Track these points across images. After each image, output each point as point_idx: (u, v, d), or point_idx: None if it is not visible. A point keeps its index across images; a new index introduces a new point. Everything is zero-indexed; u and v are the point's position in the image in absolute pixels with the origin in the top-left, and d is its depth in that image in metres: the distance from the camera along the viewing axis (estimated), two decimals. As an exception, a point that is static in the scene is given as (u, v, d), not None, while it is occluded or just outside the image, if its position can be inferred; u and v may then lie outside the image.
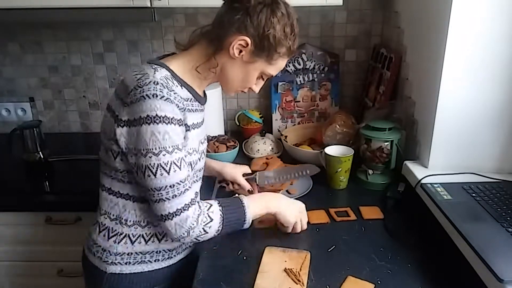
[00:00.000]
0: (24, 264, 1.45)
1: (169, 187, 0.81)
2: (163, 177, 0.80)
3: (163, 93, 0.78)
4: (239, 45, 0.86)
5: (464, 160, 1.16)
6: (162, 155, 0.79)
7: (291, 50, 0.91)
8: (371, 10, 1.67)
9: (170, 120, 0.78)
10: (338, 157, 1.25)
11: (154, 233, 0.94)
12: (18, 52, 1.75)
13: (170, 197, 0.81)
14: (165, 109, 0.77)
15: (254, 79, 0.93)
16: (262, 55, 0.88)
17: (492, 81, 1.08)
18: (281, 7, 0.86)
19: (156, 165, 0.79)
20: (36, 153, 1.48)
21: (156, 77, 0.82)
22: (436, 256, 0.96)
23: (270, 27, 0.84)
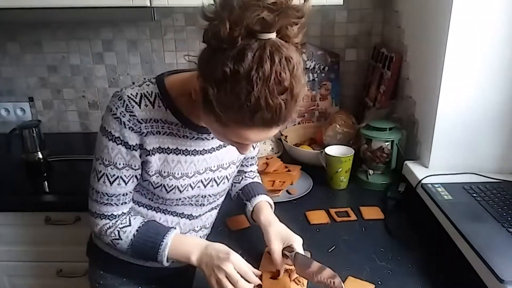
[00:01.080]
0: (24, 264, 1.44)
1: (95, 190, 0.84)
2: (94, 180, 0.83)
3: (117, 111, 0.76)
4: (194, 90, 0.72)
5: (465, 160, 1.16)
6: (99, 163, 0.81)
7: (244, 121, 0.64)
8: (371, 10, 1.66)
9: (113, 138, 0.78)
10: (338, 157, 1.25)
11: None
12: (17, 52, 1.74)
13: (94, 199, 0.85)
14: (112, 126, 0.77)
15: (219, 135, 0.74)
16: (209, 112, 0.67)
17: (493, 81, 1.08)
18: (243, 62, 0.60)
19: (93, 167, 0.83)
20: (36, 153, 1.48)
21: (126, 93, 0.77)
22: (436, 256, 0.96)
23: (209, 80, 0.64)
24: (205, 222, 1.01)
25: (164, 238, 0.84)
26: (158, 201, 0.89)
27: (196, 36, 1.71)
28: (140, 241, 0.85)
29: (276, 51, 0.61)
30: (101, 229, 0.86)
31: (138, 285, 1.02)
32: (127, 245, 0.85)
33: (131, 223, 0.86)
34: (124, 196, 0.85)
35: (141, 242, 0.85)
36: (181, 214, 0.93)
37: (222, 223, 1.09)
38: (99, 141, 0.80)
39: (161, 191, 0.86)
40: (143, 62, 1.76)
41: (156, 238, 0.85)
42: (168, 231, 0.86)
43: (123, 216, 0.87)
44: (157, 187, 0.85)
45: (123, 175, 0.81)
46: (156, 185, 0.85)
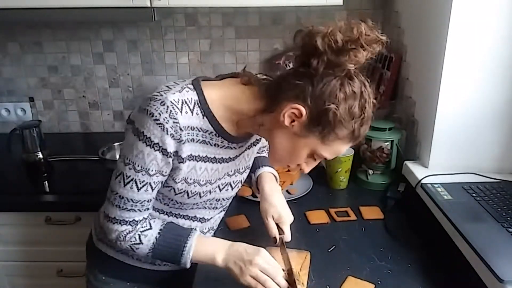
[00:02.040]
0: (24, 264, 1.45)
1: (118, 196, 0.79)
2: (119, 185, 0.79)
3: (160, 117, 0.74)
4: (292, 113, 0.74)
5: (465, 160, 1.16)
6: (129, 168, 0.77)
7: (354, 135, 0.76)
8: (371, 10, 1.67)
9: (152, 144, 0.75)
10: (338, 157, 1.25)
11: None
12: (18, 52, 1.75)
13: (115, 204, 0.80)
14: (153, 132, 0.74)
15: (302, 156, 0.80)
16: (316, 131, 0.75)
17: (492, 81, 1.08)
18: (354, 84, 0.73)
19: (120, 171, 0.78)
20: (36, 153, 1.48)
21: (169, 98, 0.75)
22: (436, 256, 0.96)
23: (333, 102, 0.71)
24: (213, 224, 1.02)
25: (188, 239, 0.83)
26: (175, 205, 0.89)
27: (196, 36, 1.71)
28: (162, 243, 0.83)
29: (366, 77, 0.77)
30: (119, 234, 0.82)
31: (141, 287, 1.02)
32: (149, 249, 0.83)
33: (151, 226, 0.84)
34: (149, 202, 0.82)
35: (163, 245, 0.83)
36: (193, 217, 0.93)
37: (222, 223, 1.10)
38: (132, 145, 0.76)
39: (182, 197, 0.85)
40: (144, 62, 1.76)
41: (179, 240, 0.83)
42: (191, 233, 0.84)
43: (143, 221, 0.84)
44: (179, 193, 0.84)
45: (153, 181, 0.79)
46: (179, 191, 0.84)
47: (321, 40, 0.69)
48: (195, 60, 1.75)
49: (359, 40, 0.69)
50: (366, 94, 0.74)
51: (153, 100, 0.75)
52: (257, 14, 1.68)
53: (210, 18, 1.68)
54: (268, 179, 1.02)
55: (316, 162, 0.84)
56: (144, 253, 0.84)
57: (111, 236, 0.83)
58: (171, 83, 0.81)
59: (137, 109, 0.77)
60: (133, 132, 0.76)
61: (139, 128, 0.75)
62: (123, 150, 0.78)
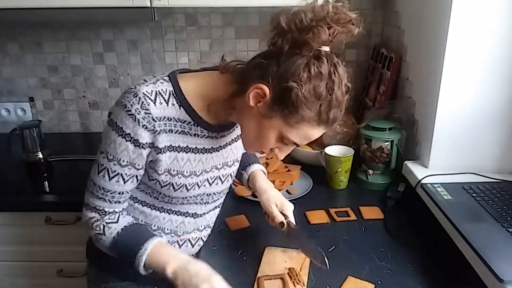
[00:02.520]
0: (24, 264, 1.45)
1: (92, 182, 0.82)
2: (94, 172, 0.82)
3: (132, 108, 0.76)
4: (256, 93, 0.74)
5: (464, 160, 1.16)
6: (102, 157, 0.80)
7: (322, 117, 0.74)
8: (371, 10, 1.67)
9: (124, 134, 0.76)
10: (338, 157, 1.25)
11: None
12: (18, 52, 1.75)
13: (90, 190, 0.83)
14: (124, 122, 0.76)
15: (271, 139, 0.78)
16: (279, 111, 0.73)
17: (492, 81, 1.08)
18: (321, 65, 0.71)
19: (96, 160, 0.82)
20: (36, 153, 1.48)
21: (141, 89, 0.77)
22: (436, 255, 0.96)
23: (295, 80, 0.70)
24: (209, 221, 1.01)
25: (146, 242, 0.81)
26: (164, 199, 0.89)
27: (196, 36, 1.71)
28: (122, 239, 0.82)
29: (338, 60, 0.75)
30: (88, 221, 0.85)
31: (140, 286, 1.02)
32: (109, 242, 0.83)
33: (118, 220, 0.85)
34: (120, 194, 0.83)
35: (122, 241, 0.82)
36: (185, 213, 0.93)
37: (222, 223, 1.10)
38: (107, 134, 0.78)
39: (168, 189, 0.86)
40: (144, 62, 1.76)
41: (138, 241, 0.82)
42: (152, 237, 0.82)
43: (113, 214, 0.85)
44: (164, 185, 0.85)
45: (124, 173, 0.80)
46: (164, 183, 0.84)
47: (285, 18, 0.70)
48: (195, 60, 1.75)
49: (325, 18, 0.69)
50: (336, 77, 0.72)
51: (127, 92, 0.79)
52: (257, 14, 1.68)
53: (210, 18, 1.68)
54: (260, 176, 1.06)
55: (289, 148, 0.83)
56: (106, 246, 0.84)
57: (82, 220, 0.86)
58: (149, 77, 0.83)
59: (115, 104, 0.80)
60: (108, 123, 0.79)
61: (113, 119, 0.78)
62: (102, 140, 0.81)
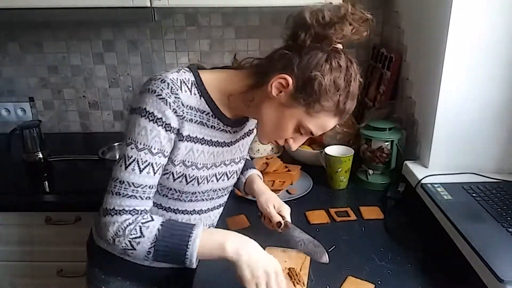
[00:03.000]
0: (24, 264, 1.45)
1: (119, 181, 0.76)
2: (120, 169, 0.76)
3: (162, 92, 0.75)
4: (279, 84, 0.77)
5: (464, 160, 1.16)
6: (131, 148, 0.76)
7: (339, 108, 0.78)
8: (371, 10, 1.65)
9: (155, 119, 0.75)
10: (338, 157, 1.25)
11: None
12: (18, 52, 1.75)
13: (114, 192, 0.76)
14: (156, 106, 0.75)
15: (289, 129, 0.81)
16: (302, 100, 0.77)
17: (492, 81, 1.08)
18: (340, 59, 0.77)
19: (122, 155, 0.77)
20: (36, 153, 1.48)
21: (168, 76, 0.78)
22: (436, 256, 0.96)
23: (318, 71, 0.74)
24: (213, 221, 1.02)
25: (194, 229, 0.77)
26: (173, 196, 0.88)
27: (196, 36, 1.71)
28: (166, 235, 0.76)
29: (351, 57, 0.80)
30: (119, 227, 0.75)
31: (141, 286, 1.02)
32: (151, 242, 0.75)
33: (153, 218, 0.79)
34: (150, 189, 0.79)
35: (167, 236, 0.76)
36: (192, 211, 0.93)
37: (222, 223, 1.10)
38: (135, 124, 0.75)
39: (181, 182, 0.85)
40: (144, 62, 1.76)
41: (184, 230, 0.76)
42: (195, 224, 0.79)
43: (145, 213, 0.79)
44: (177, 177, 0.84)
45: (155, 162, 0.77)
46: (177, 175, 0.84)
47: (309, 14, 0.75)
48: (195, 60, 1.75)
49: (346, 16, 0.76)
50: (352, 70, 0.78)
51: (153, 80, 0.78)
52: (257, 14, 1.68)
53: (210, 18, 1.68)
54: (258, 180, 1.08)
55: (303, 138, 0.86)
56: (145, 250, 0.76)
57: (110, 231, 0.76)
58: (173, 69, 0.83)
59: (137, 95, 0.78)
60: (136, 112, 0.76)
61: (141, 106, 0.76)
62: (125, 135, 0.77)
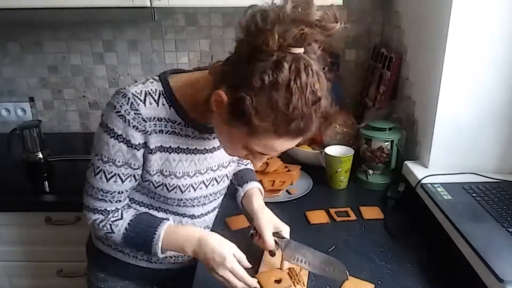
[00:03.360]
0: (24, 264, 1.45)
1: (90, 185, 0.83)
2: (91, 174, 0.82)
3: (121, 109, 0.75)
4: (216, 99, 0.69)
5: (464, 160, 1.16)
6: (97, 159, 0.80)
7: (279, 130, 0.66)
8: (371, 10, 1.67)
9: (116, 136, 0.76)
10: (338, 157, 1.25)
11: None
12: (18, 52, 1.75)
13: (88, 193, 0.84)
14: (115, 123, 0.76)
15: (238, 148, 0.74)
16: (238, 120, 0.67)
17: (492, 81, 1.08)
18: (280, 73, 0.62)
19: (91, 161, 0.82)
20: (36, 153, 1.48)
21: (131, 90, 0.76)
22: (436, 256, 0.96)
23: (248, 90, 0.63)
24: (208, 223, 1.01)
25: (157, 230, 0.84)
26: (160, 199, 0.89)
27: (196, 36, 1.71)
28: (132, 234, 0.85)
29: (308, 65, 0.65)
30: (93, 223, 0.86)
31: (141, 286, 1.02)
32: (120, 238, 0.85)
33: (122, 216, 0.86)
34: (120, 194, 0.84)
35: (133, 235, 0.85)
36: (183, 214, 0.93)
37: (222, 223, 1.10)
38: (99, 137, 0.79)
39: (162, 190, 0.86)
40: (144, 62, 1.76)
41: (148, 231, 0.84)
42: (160, 223, 0.85)
43: (115, 211, 0.86)
44: (158, 186, 0.85)
45: (121, 173, 0.80)
46: (157, 184, 0.84)
47: (244, 20, 0.64)
48: (195, 60, 1.75)
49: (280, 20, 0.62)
50: (297, 86, 0.63)
51: (117, 93, 0.78)
52: (257, 14, 1.67)
53: (210, 18, 1.68)
54: (258, 195, 1.01)
55: (263, 156, 0.78)
56: (118, 242, 0.86)
57: (88, 223, 0.87)
58: (142, 79, 0.82)
59: (106, 104, 0.79)
60: (101, 125, 0.79)
61: (104, 121, 0.78)
62: (94, 144, 0.81)
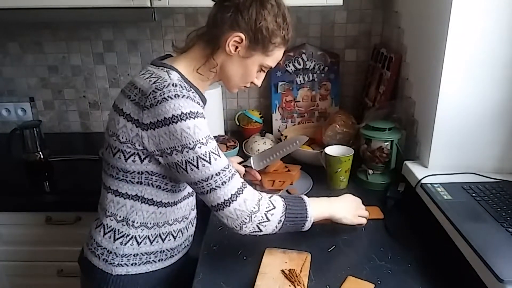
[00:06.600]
0: (24, 264, 1.45)
1: (215, 175, 0.83)
2: (206, 167, 0.82)
3: (183, 92, 0.82)
4: (234, 42, 0.88)
5: (464, 160, 1.16)
6: (198, 147, 0.81)
7: (286, 39, 0.92)
8: (371, 10, 1.67)
9: (196, 115, 0.81)
10: (338, 157, 1.25)
11: (158, 234, 0.94)
12: (18, 52, 1.75)
13: (220, 184, 0.83)
14: (188, 105, 0.80)
15: (254, 73, 0.95)
16: (258, 48, 0.90)
17: (492, 80, 1.08)
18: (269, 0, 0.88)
19: (195, 158, 0.81)
20: (36, 153, 1.48)
21: (173, 79, 0.85)
22: (436, 256, 0.96)
23: (261, 20, 0.86)
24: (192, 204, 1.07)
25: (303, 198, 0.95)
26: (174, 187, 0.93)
27: (196, 36, 1.71)
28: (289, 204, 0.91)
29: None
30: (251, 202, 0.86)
31: None
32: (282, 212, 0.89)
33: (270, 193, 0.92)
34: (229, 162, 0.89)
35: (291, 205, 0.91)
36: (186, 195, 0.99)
37: (222, 223, 1.09)
38: (183, 129, 0.79)
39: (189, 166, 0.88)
40: (144, 62, 1.76)
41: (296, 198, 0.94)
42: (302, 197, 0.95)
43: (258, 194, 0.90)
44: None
45: (216, 144, 0.86)
46: None
47: None
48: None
49: None
50: (281, 3, 0.90)
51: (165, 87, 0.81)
52: (257, 14, 1.68)
53: (210, 18, 1.68)
54: None
55: (264, 73, 0.99)
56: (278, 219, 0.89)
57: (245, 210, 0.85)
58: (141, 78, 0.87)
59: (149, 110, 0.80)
60: (172, 122, 0.79)
61: (174, 114, 0.79)
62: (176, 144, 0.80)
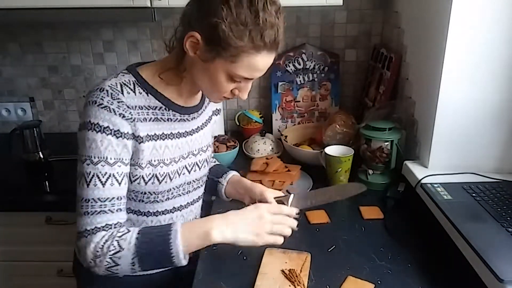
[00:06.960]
0: (24, 264, 1.45)
1: (84, 200, 0.74)
2: (82, 188, 0.74)
3: (103, 101, 0.74)
4: (190, 42, 0.75)
5: (464, 160, 1.16)
6: (86, 164, 0.74)
7: (257, 43, 0.72)
8: (371, 10, 1.67)
9: (102, 129, 0.73)
10: (338, 157, 1.25)
11: None
12: (18, 52, 1.75)
13: (83, 212, 0.74)
14: (99, 116, 0.72)
15: (222, 82, 0.78)
16: (219, 51, 0.73)
17: (492, 81, 1.08)
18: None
19: (80, 173, 0.75)
20: (36, 153, 1.48)
21: (106, 84, 0.77)
22: (436, 256, 0.96)
23: (218, 16, 0.70)
24: (196, 214, 1.03)
25: (172, 226, 0.76)
26: (150, 199, 0.87)
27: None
28: (145, 240, 0.74)
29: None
30: (95, 248, 0.73)
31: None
32: (132, 253, 0.73)
33: (129, 230, 0.77)
34: (119, 200, 0.77)
35: (147, 241, 0.74)
36: (172, 209, 0.93)
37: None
38: (84, 139, 0.74)
39: (153, 183, 0.84)
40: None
41: (162, 231, 0.75)
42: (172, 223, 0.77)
43: (119, 225, 0.77)
44: (149, 180, 0.83)
45: (116, 172, 0.76)
46: (148, 177, 0.83)
47: None
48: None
49: None
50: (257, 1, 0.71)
51: (92, 91, 0.77)
52: (257, 14, 1.68)
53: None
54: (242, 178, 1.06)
55: (247, 85, 0.82)
56: (129, 262, 0.73)
57: (88, 253, 0.73)
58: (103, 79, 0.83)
59: (82, 110, 0.77)
60: (81, 127, 0.75)
61: (85, 120, 0.74)
62: (79, 153, 0.76)
